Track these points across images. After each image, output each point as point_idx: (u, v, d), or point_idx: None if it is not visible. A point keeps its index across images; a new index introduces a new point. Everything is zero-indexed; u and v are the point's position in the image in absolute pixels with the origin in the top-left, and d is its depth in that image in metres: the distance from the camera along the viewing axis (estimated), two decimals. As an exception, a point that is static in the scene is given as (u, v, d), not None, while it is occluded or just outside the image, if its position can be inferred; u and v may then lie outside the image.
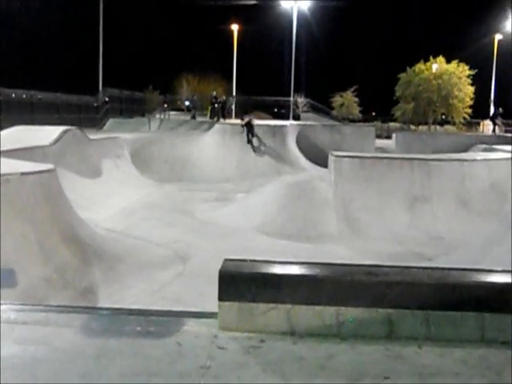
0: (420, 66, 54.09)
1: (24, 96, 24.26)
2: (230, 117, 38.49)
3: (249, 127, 28.90)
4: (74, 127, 20.97)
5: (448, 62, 53.44)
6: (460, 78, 52.84)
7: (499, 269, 5.10)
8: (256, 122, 32.73)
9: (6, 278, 9.49)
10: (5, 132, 20.13)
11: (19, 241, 10.18)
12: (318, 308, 4.39)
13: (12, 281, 9.53)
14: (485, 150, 25.69)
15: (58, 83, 29.05)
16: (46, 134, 18.62)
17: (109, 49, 39.29)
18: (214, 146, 27.37)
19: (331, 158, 18.79)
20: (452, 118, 53.73)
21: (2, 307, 5.12)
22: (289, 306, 4.39)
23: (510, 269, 5.17)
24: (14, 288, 9.33)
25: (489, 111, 43.48)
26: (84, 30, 42.50)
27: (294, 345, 4.22)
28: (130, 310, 5.17)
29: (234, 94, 48.11)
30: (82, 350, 4.16)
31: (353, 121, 49.79)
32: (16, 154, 14.15)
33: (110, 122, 29.83)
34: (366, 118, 56.66)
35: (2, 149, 14.88)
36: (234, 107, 43.64)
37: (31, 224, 10.56)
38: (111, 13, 40.09)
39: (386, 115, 55.95)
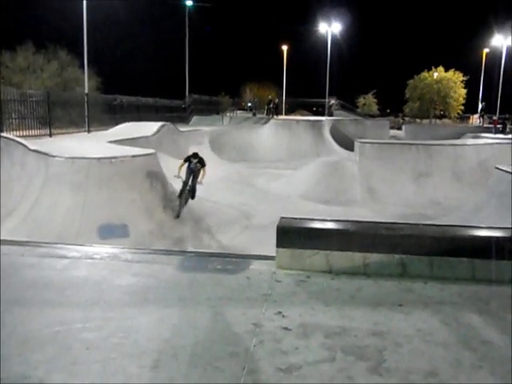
0: (424, 74, 53.09)
1: (133, 101, 24.61)
2: (281, 114, 38.16)
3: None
4: (168, 123, 21.21)
5: (446, 70, 52.28)
6: (455, 82, 51.82)
7: (485, 226, 5.00)
8: (299, 117, 32.58)
9: (121, 231, 9.77)
10: (120, 126, 20.52)
11: (131, 204, 10.43)
12: (349, 253, 4.38)
13: (126, 233, 9.79)
14: (473, 137, 25.04)
15: (157, 91, 29.41)
16: (148, 128, 18.91)
17: (193, 63, 39.50)
18: (269, 135, 27.34)
19: (356, 144, 18.63)
20: (448, 113, 52.70)
21: (121, 250, 5.28)
22: (328, 251, 4.39)
23: (493, 226, 5.07)
24: (128, 238, 9.59)
25: (477, 108, 42.20)
26: (174, 50, 42.73)
27: (331, 280, 4.23)
28: (212, 253, 5.24)
29: (284, 97, 47.66)
30: (178, 281, 4.26)
31: (372, 116, 48.81)
32: (128, 142, 14.43)
33: (194, 118, 30.01)
34: (383, 114, 55.59)
35: (118, 138, 15.18)
36: (284, 107, 43.25)
37: (139, 192, 10.80)
38: (195, 36, 40.17)
39: (397, 111, 54.98)
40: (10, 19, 36.52)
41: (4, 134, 13.50)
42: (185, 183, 11.72)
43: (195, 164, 11.65)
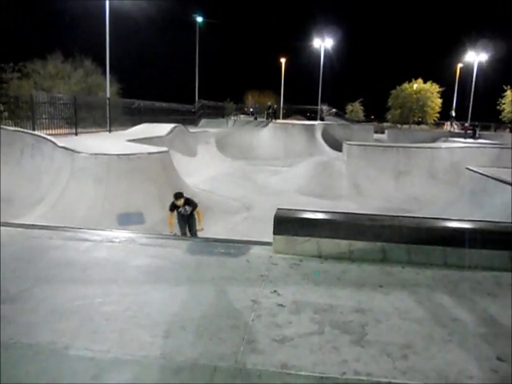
0: (405, 85, 52.79)
1: (149, 105, 24.51)
2: (279, 118, 38.02)
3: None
4: (179, 124, 21.13)
5: (424, 82, 52.04)
6: (432, 93, 51.56)
7: (456, 218, 4.98)
8: (294, 121, 32.52)
9: (138, 218, 9.74)
10: (137, 127, 20.43)
11: (147, 195, 10.39)
12: (336, 241, 4.38)
13: (141, 220, 9.77)
14: (447, 142, 24.96)
15: (170, 96, 29.29)
16: (162, 129, 18.82)
17: (202, 72, 39.37)
18: (268, 136, 27.23)
19: (344, 146, 18.56)
20: (426, 120, 52.54)
21: (137, 235, 5.28)
22: (318, 238, 4.39)
23: (463, 219, 5.06)
24: (143, 224, 9.57)
25: (451, 116, 42.16)
26: (186, 60, 42.55)
27: (321, 264, 4.22)
28: (216, 239, 5.23)
29: (282, 103, 47.51)
30: (187, 263, 4.26)
31: (358, 121, 48.65)
32: (144, 141, 14.38)
33: (203, 121, 29.86)
34: (368, 120, 55.44)
35: (136, 137, 15.13)
36: (281, 112, 43.11)
37: (154, 185, 10.76)
38: (205, 48, 40.03)
39: (381, 118, 54.87)
40: (41, 31, 36.38)
41: (36, 132, 13.48)
42: (183, 234, 8.54)
43: (184, 209, 8.57)
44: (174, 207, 8.59)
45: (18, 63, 25.90)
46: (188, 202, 8.72)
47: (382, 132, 36.98)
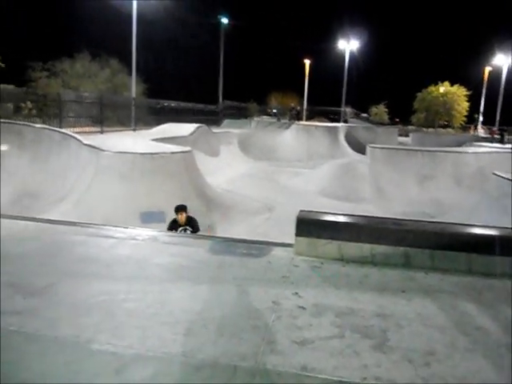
0: (431, 87, 51.98)
1: (173, 105, 24.78)
2: (302, 120, 37.91)
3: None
4: (203, 125, 21.28)
5: (451, 85, 51.17)
6: (459, 96, 50.66)
7: (481, 224, 4.89)
8: (317, 123, 32.41)
9: (160, 217, 9.84)
10: (161, 127, 20.67)
11: (169, 194, 10.49)
12: (359, 244, 4.34)
13: (164, 218, 9.86)
14: (472, 146, 24.48)
15: (194, 97, 29.53)
16: (186, 129, 19.00)
17: (226, 73, 39.62)
18: (291, 138, 27.20)
19: (368, 149, 18.41)
20: (452, 123, 51.63)
21: (161, 233, 5.34)
22: (340, 241, 4.36)
23: (489, 225, 4.95)
24: (165, 223, 9.67)
25: (476, 120, 41.35)
26: (210, 61, 42.84)
27: (342, 267, 4.19)
28: (238, 239, 5.25)
29: (305, 104, 47.35)
30: (209, 262, 4.28)
31: (383, 124, 48.14)
32: (168, 140, 14.54)
33: (226, 122, 30.03)
34: (392, 122, 54.79)
35: (160, 137, 15.31)
36: (304, 114, 42.98)
37: (177, 184, 10.86)
38: (229, 50, 40.26)
39: (406, 121, 54.13)
40: (70, 31, 37.12)
41: (63, 130, 13.77)
42: None
43: (184, 231, 6.83)
44: (173, 226, 6.81)
45: (47, 62, 26.53)
46: (190, 221, 6.96)
47: (407, 135, 36.52)
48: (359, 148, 24.99)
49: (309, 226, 4.44)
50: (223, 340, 2.78)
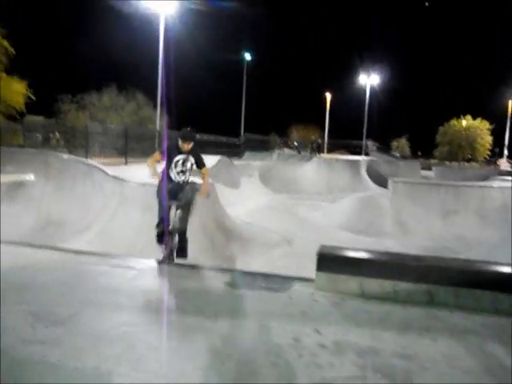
0: (453, 121, 51.91)
1: (197, 137, 25.26)
2: (323, 153, 38.09)
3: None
4: (225, 157, 21.54)
5: (474, 118, 51.00)
6: (482, 130, 50.42)
7: (507, 262, 4.77)
8: (338, 156, 32.54)
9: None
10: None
11: (190, 225, 10.57)
12: (380, 280, 4.28)
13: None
14: (498, 180, 24.07)
15: (217, 129, 30.02)
16: (208, 161, 19.22)
17: (248, 107, 40.37)
18: (311, 170, 27.26)
19: (390, 182, 18.25)
20: (475, 157, 51.14)
21: (180, 265, 5.34)
22: (361, 277, 4.31)
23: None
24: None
25: (499, 153, 40.89)
26: (233, 95, 43.75)
27: (363, 303, 4.13)
28: (258, 273, 5.23)
29: (326, 138, 47.64)
30: (228, 296, 4.28)
31: (404, 157, 47.94)
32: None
33: (247, 154, 30.37)
34: (414, 156, 54.55)
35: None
36: (325, 147, 43.21)
37: (198, 215, 10.92)
38: (251, 84, 41.15)
39: (428, 154, 53.87)
40: (98, 65, 38.55)
41: (88, 160, 14.13)
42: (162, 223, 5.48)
43: (184, 162, 5.49)
44: (172, 150, 5.35)
45: (76, 95, 27.53)
46: (195, 153, 5.62)
47: (429, 169, 36.23)
48: (381, 181, 24.83)
49: (330, 261, 4.41)
50: (242, 377, 2.75)
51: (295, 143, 42.10)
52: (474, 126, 50.93)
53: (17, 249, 5.76)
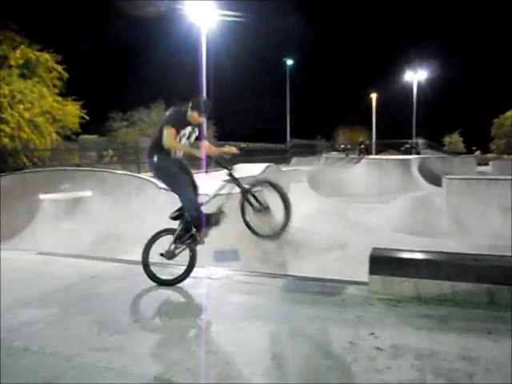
0: (509, 112, 49.34)
1: (244, 146, 25.59)
2: (372, 154, 37.42)
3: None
4: (272, 164, 21.65)
5: (531, 108, 48.36)
6: (541, 120, 47.69)
7: None
8: (388, 156, 31.83)
9: (233, 256, 10.02)
10: (234, 166, 21.33)
11: (241, 234, 10.68)
12: (437, 282, 4.17)
13: (237, 257, 10.04)
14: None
15: (264, 137, 30.34)
16: (256, 168, 19.37)
17: (293, 112, 40.44)
18: (361, 173, 26.84)
19: (444, 180, 17.64)
20: (535, 149, 48.41)
21: (234, 272, 5.45)
22: (416, 279, 4.21)
23: None
24: (238, 261, 9.83)
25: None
26: (278, 100, 43.95)
27: (420, 306, 4.04)
28: (311, 277, 5.24)
29: (374, 138, 46.78)
30: (282, 301, 4.32)
31: (458, 153, 46.17)
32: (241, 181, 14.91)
33: (294, 159, 30.38)
34: (469, 151, 52.38)
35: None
36: (373, 147, 42.44)
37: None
38: (296, 88, 41.19)
39: (484, 148, 51.55)
40: (147, 82, 39.95)
41: (140, 175, 14.68)
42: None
43: (192, 133, 5.03)
44: (179, 122, 4.72)
45: (126, 112, 28.67)
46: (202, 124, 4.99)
47: (486, 164, 34.68)
48: (434, 180, 24.02)
49: (383, 263, 4.35)
50: (300, 381, 2.78)
51: (342, 146, 41.66)
52: (533, 117, 48.32)
53: (79, 262, 6.10)
